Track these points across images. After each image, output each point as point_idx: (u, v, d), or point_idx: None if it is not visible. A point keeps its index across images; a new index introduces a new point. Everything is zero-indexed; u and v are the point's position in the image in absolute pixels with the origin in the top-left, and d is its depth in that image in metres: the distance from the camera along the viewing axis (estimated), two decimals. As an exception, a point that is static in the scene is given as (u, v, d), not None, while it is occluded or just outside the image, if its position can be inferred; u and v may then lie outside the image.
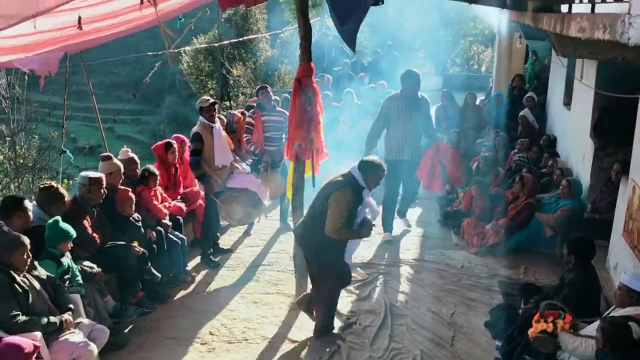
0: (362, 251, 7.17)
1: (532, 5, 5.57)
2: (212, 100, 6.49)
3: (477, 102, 12.32)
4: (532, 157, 8.61)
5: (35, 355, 3.50)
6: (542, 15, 5.00)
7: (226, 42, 12.18)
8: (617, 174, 6.43)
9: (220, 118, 6.85)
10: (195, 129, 6.45)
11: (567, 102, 9.03)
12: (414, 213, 8.78)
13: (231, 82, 18.82)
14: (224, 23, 20.49)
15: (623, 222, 5.66)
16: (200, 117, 6.41)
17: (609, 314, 4.38)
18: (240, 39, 14.42)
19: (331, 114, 10.35)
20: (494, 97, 11.13)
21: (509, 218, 7.14)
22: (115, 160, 5.73)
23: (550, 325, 4.24)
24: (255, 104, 7.88)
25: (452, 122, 10.20)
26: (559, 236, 6.85)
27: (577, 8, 4.38)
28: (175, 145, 6.65)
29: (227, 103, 18.34)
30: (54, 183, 5.11)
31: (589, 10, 4.07)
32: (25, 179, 8.71)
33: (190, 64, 20.68)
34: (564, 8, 5.42)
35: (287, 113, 7.52)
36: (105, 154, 5.86)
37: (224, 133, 6.65)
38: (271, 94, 7.65)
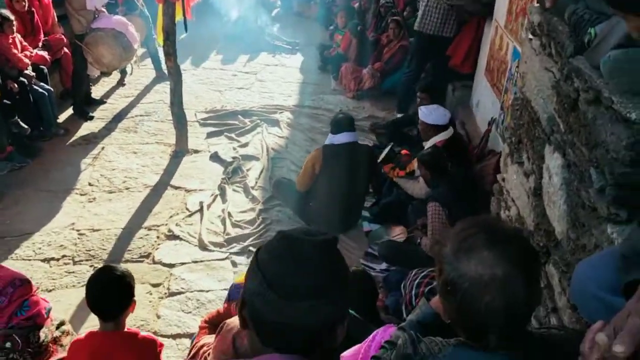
0: (243, 98, 7.20)
1: None
2: None
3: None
4: (407, 1, 8.69)
5: None
6: None
7: None
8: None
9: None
10: None
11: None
12: (294, 60, 8.80)
13: None
14: None
15: (485, 62, 6.08)
16: None
17: (422, 148, 4.90)
18: None
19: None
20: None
21: (384, 62, 7.37)
22: None
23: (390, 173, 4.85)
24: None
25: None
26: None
27: None
28: None
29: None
30: None
31: None
32: None
33: None
34: None
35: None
36: None
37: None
38: None
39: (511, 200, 2.54)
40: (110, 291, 2.27)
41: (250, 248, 4.42)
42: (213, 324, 2.53)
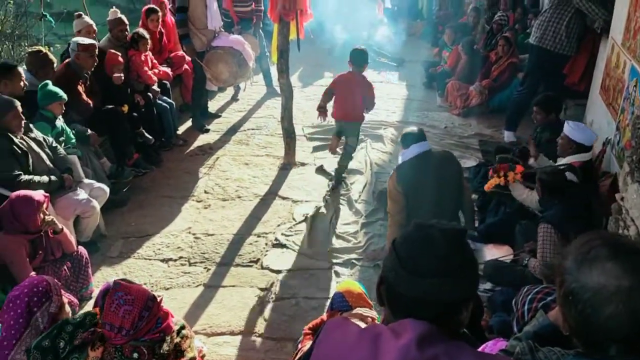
0: (348, 114, 7.35)
1: None
2: None
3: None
4: (517, 18, 8.54)
5: (45, 206, 3.70)
6: None
7: None
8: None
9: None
10: None
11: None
12: (399, 76, 8.87)
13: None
14: None
15: (601, 80, 5.83)
16: None
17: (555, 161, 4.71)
18: None
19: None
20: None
21: (492, 79, 7.26)
22: (85, 18, 5.69)
23: (502, 178, 4.60)
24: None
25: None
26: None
27: None
28: (159, 13, 6.46)
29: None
30: (42, 48, 5.11)
31: None
32: (5, 46, 8.50)
33: None
34: None
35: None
36: (79, 12, 5.80)
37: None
38: None
39: (630, 219, 2.45)
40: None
41: (353, 261, 4.51)
42: (316, 331, 2.64)
